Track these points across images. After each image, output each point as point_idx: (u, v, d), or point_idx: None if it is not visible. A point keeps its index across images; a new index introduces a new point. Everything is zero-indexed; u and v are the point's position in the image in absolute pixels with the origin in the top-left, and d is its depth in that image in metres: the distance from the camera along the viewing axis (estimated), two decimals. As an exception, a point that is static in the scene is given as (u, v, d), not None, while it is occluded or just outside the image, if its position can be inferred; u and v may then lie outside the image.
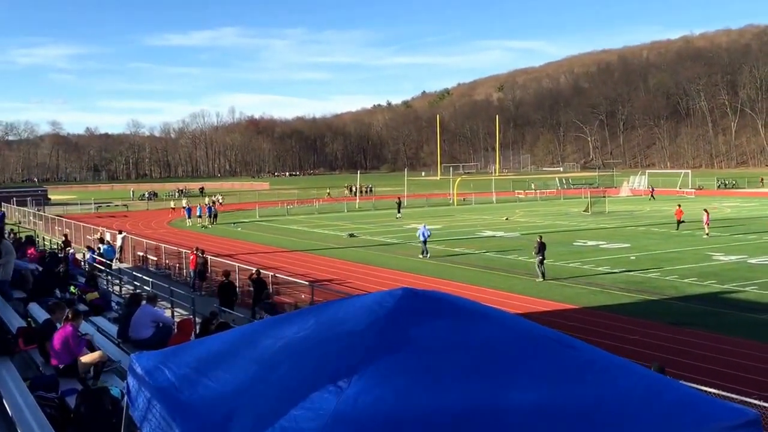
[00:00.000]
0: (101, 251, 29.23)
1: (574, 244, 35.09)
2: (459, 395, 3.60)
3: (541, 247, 25.33)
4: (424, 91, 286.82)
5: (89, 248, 29.88)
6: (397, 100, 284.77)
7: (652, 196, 68.14)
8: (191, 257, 25.84)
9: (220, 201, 71.17)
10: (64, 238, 34.73)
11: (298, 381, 3.85)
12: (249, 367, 4.33)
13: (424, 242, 31.97)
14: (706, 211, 37.76)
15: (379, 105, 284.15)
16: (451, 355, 4.00)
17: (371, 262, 30.90)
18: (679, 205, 41.60)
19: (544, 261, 25.40)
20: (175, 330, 11.15)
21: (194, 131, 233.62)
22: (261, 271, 21.30)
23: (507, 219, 50.74)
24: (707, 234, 36.13)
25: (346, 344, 4.02)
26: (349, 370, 3.74)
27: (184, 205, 57.89)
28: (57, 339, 8.62)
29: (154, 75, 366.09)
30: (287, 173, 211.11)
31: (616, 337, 16.63)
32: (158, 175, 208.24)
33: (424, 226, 32.87)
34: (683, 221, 39.32)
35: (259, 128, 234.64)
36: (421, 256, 31.73)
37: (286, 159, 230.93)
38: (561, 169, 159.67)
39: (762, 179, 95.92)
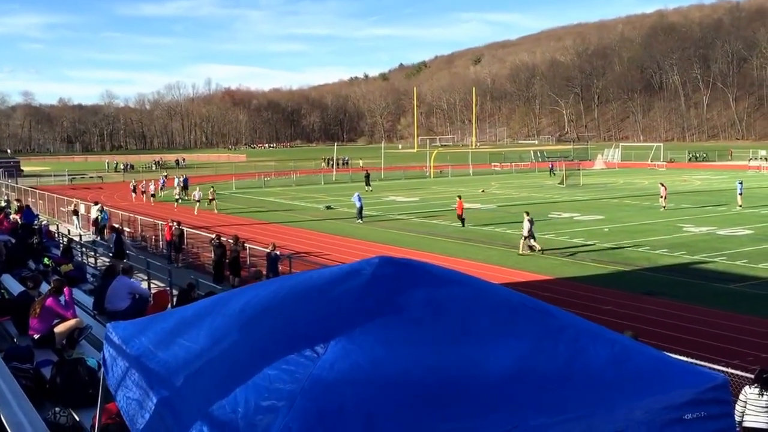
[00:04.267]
0: (99, 217, 29.27)
1: (549, 216, 35.42)
2: (436, 361, 3.62)
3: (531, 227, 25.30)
4: (401, 64, 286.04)
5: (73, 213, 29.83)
6: (374, 73, 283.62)
7: (552, 172, 64.65)
8: (167, 229, 25.69)
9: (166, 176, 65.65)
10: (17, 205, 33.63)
11: (273, 343, 3.86)
12: (224, 331, 4.33)
13: (360, 209, 34.75)
14: (662, 184, 38.14)
15: (356, 77, 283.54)
16: (428, 322, 4.03)
17: (349, 234, 30.95)
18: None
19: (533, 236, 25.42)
20: (152, 301, 11.12)
21: (170, 102, 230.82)
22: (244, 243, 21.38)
23: (483, 191, 51.00)
24: (664, 207, 36.48)
25: (323, 310, 4.03)
26: (326, 335, 3.75)
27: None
28: (40, 311, 8.58)
29: (127, 45, 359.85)
30: (264, 145, 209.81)
31: (590, 307, 16.91)
32: (134, 147, 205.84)
33: (357, 194, 35.83)
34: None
35: (235, 100, 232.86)
36: (359, 221, 33.96)
37: (263, 131, 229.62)
38: (536, 141, 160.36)
39: (731, 152, 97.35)
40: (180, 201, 48.19)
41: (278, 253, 20.48)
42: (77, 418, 6.37)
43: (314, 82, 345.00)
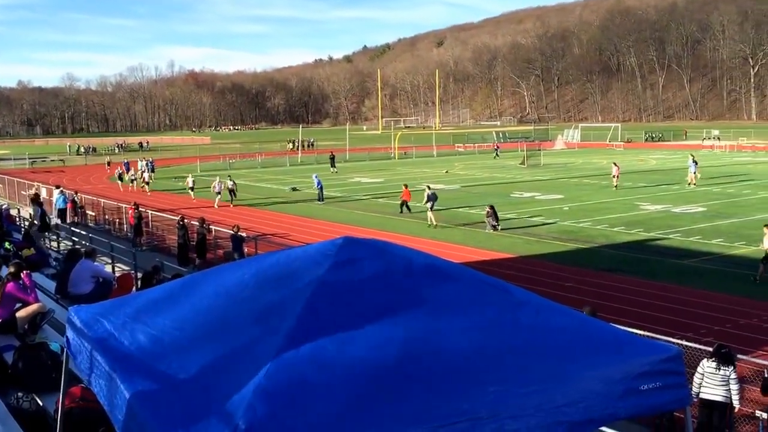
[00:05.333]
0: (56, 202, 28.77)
1: (511, 195, 35.85)
2: (399, 338, 3.69)
3: (493, 212, 25.91)
4: (365, 46, 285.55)
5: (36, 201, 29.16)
6: (338, 55, 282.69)
7: (496, 153, 66.20)
8: (130, 212, 25.38)
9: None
10: None
11: (239, 329, 3.89)
12: (190, 316, 4.35)
13: (320, 189, 35.63)
14: (616, 164, 38.70)
15: (320, 59, 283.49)
16: (390, 300, 4.09)
17: (314, 216, 30.93)
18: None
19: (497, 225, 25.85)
20: (116, 285, 11.01)
21: (132, 85, 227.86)
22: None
23: (447, 172, 51.31)
24: (615, 186, 36.97)
25: (289, 291, 4.07)
26: (292, 316, 3.79)
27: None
28: (1, 297, 8.45)
29: (89, 26, 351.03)
30: (229, 127, 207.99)
31: (551, 284, 17.24)
32: (96, 130, 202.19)
33: (315, 176, 37.11)
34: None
35: (198, 82, 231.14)
36: (318, 202, 34.60)
37: (227, 113, 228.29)
38: (498, 123, 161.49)
39: (686, 132, 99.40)
40: (148, 185, 47.79)
41: (243, 234, 20.42)
42: (40, 403, 6.33)
43: (278, 64, 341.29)
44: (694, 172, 38.21)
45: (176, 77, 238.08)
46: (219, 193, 35.19)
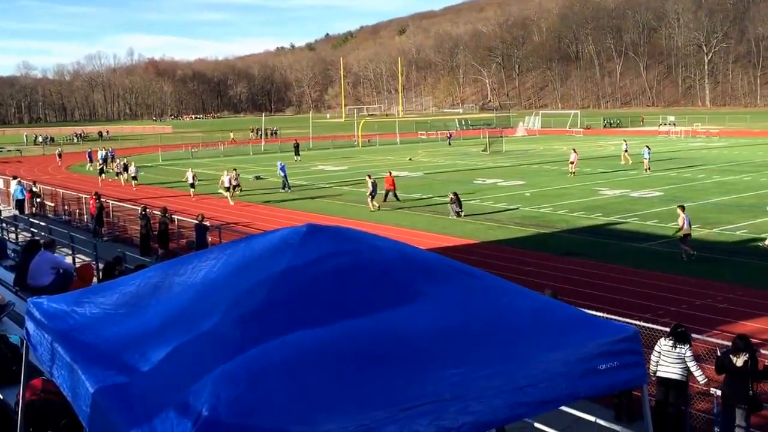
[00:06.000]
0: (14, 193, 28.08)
1: (474, 182, 36.14)
2: (364, 322, 3.73)
3: (457, 199, 26.10)
4: (327, 34, 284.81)
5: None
6: (300, 43, 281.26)
7: (449, 141, 66.77)
8: (91, 202, 24.95)
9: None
10: None
11: (203, 318, 3.88)
12: (153, 306, 4.33)
13: (285, 177, 34.98)
14: (575, 150, 39.13)
15: (282, 47, 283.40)
16: (356, 285, 4.12)
17: (278, 205, 30.76)
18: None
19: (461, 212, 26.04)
20: (76, 276, 10.83)
21: (90, 73, 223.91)
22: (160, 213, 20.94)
23: (410, 159, 51.45)
24: (572, 173, 37.40)
25: (252, 281, 4.06)
26: (258, 303, 3.81)
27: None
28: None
29: (45, 14, 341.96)
30: (191, 116, 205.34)
31: (513, 269, 17.47)
32: (54, 119, 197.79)
33: (280, 163, 36.96)
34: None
35: (159, 70, 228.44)
36: (282, 190, 34.37)
37: (189, 102, 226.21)
38: (461, 110, 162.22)
39: (643, 118, 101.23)
40: (105, 174, 46.95)
41: (207, 223, 20.25)
42: (1, 396, 6.24)
43: (240, 52, 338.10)
44: (647, 158, 39.00)
45: (136, 65, 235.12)
46: (229, 188, 31.77)
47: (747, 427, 8.39)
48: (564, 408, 8.17)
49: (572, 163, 37.67)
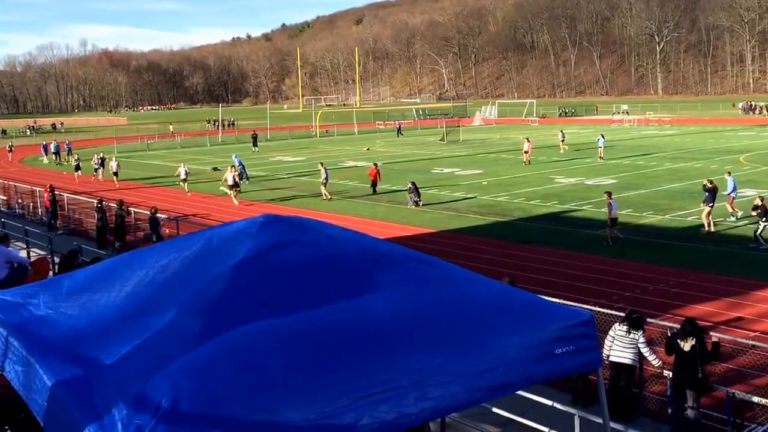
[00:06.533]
0: None
1: (432, 171, 36.34)
2: (323, 312, 3.75)
3: (415, 188, 26.21)
4: (283, 24, 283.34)
5: None
6: (256, 33, 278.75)
7: (398, 132, 66.09)
8: (45, 195, 24.37)
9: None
10: None
11: (162, 310, 3.85)
12: (112, 299, 4.28)
13: (242, 169, 34.26)
14: (528, 140, 39.47)
15: (238, 37, 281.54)
16: (314, 276, 4.13)
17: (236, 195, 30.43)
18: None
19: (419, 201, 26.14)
20: (31, 270, 10.59)
21: (43, 65, 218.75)
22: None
23: (368, 149, 51.45)
24: (525, 162, 37.70)
25: (210, 272, 4.05)
26: (216, 294, 3.80)
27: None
28: None
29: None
30: (146, 107, 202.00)
31: (471, 257, 17.65)
32: (5, 111, 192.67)
33: (235, 155, 36.30)
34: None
35: (113, 61, 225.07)
36: (245, 182, 33.70)
37: (144, 93, 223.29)
38: (418, 100, 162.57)
39: (597, 107, 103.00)
40: (59, 165, 45.94)
41: (160, 216, 20.03)
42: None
43: (196, 42, 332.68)
44: (602, 146, 39.67)
45: (89, 56, 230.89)
46: (233, 186, 28.74)
47: (697, 408, 8.66)
48: (522, 392, 8.33)
49: (526, 152, 38.09)
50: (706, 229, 19.96)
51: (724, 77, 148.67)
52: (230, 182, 28.69)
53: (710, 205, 19.94)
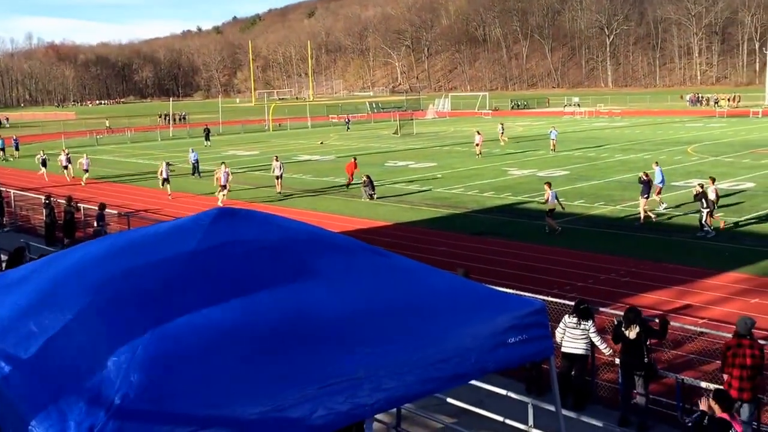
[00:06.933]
0: None
1: (386, 164, 36.38)
2: (276, 306, 3.71)
3: (369, 181, 26.22)
4: (234, 17, 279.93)
5: None
6: (207, 26, 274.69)
7: (347, 126, 65.51)
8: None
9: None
10: None
11: (111, 305, 3.77)
12: (58, 295, 4.16)
13: (195, 163, 34.13)
14: (479, 132, 39.69)
15: (189, 30, 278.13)
16: (267, 269, 4.09)
17: (188, 190, 30.00)
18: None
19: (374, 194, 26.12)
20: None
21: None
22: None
23: (322, 143, 51.26)
24: (478, 154, 38.00)
25: (161, 266, 3.98)
26: (166, 287, 3.73)
27: None
28: None
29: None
30: (95, 101, 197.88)
31: (426, 249, 17.73)
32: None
33: (192, 149, 36.36)
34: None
35: (60, 55, 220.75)
36: (193, 176, 33.64)
37: (92, 87, 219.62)
38: (371, 93, 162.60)
39: (549, 100, 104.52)
40: (5, 161, 44.88)
41: (104, 212, 19.65)
42: None
43: (145, 35, 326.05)
44: (554, 139, 40.23)
45: (35, 50, 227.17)
46: (225, 186, 26.27)
47: (646, 393, 8.87)
48: (477, 383, 8.40)
49: (478, 144, 38.37)
50: (643, 219, 20.43)
51: (672, 70, 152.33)
52: (222, 182, 26.23)
53: (645, 196, 20.42)
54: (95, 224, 19.31)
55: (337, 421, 3.26)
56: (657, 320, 9.25)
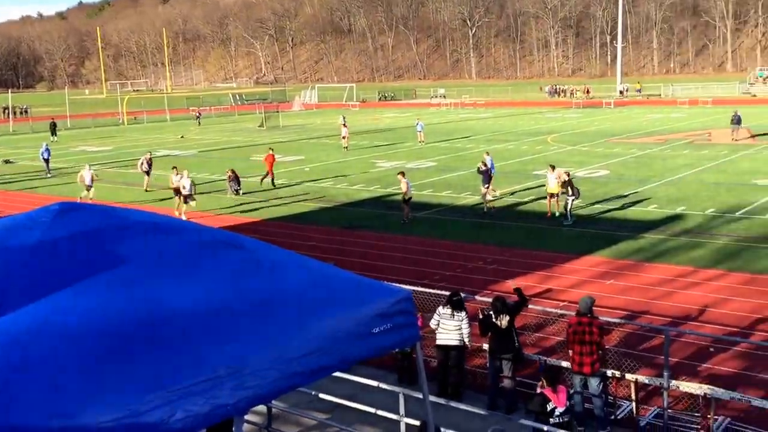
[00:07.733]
0: None
1: (252, 158, 35.69)
2: (125, 305, 3.56)
3: (235, 176, 25.74)
4: (80, 2, 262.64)
5: None
6: (49, 11, 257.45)
7: (198, 120, 63.24)
8: None
9: None
10: None
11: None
12: None
13: (46, 161, 32.46)
14: (345, 125, 39.86)
15: (28, 16, 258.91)
16: (116, 266, 3.89)
17: (34, 189, 27.97)
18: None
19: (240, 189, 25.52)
20: None
21: None
22: None
23: (182, 137, 49.56)
24: (346, 147, 38.24)
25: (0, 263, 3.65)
26: (5, 289, 3.47)
27: None
28: None
29: None
30: None
31: (296, 244, 17.53)
32: None
33: (45, 144, 34.05)
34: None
35: None
36: (47, 175, 31.99)
37: None
38: (234, 84, 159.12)
39: (415, 91, 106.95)
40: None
41: None
42: None
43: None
44: (420, 131, 41.06)
45: None
46: (190, 195, 22.28)
47: (513, 377, 9.21)
48: (348, 375, 8.36)
49: (344, 137, 38.53)
50: (486, 206, 21.32)
51: (532, 62, 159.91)
52: (188, 190, 22.29)
53: (486, 186, 21.29)
54: None
55: (197, 423, 3.12)
56: (514, 294, 9.67)
